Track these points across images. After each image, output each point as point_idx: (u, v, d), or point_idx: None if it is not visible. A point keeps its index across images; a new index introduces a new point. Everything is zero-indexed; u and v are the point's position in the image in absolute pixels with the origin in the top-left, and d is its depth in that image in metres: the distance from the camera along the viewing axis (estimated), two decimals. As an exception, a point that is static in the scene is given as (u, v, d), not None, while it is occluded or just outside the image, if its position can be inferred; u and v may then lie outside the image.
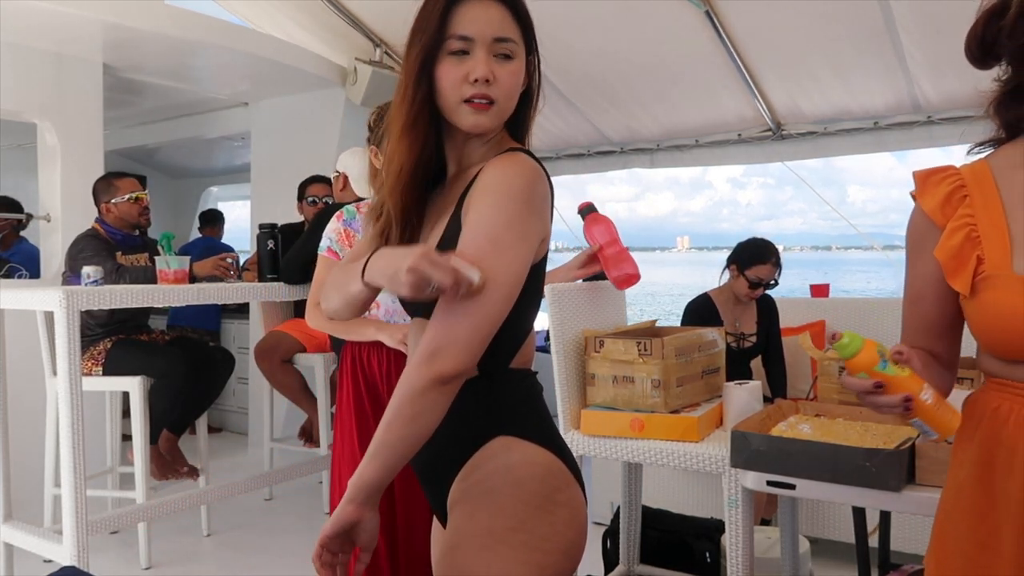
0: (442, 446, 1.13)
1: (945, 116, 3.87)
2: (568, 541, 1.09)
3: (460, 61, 1.08)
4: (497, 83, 1.08)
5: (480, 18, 1.08)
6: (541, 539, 1.06)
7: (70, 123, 3.75)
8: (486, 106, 1.09)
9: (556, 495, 1.09)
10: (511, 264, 1.02)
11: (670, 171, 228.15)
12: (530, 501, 1.07)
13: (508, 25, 1.09)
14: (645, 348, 1.96)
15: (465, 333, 0.99)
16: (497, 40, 1.08)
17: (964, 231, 1.05)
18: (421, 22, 1.10)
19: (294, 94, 4.74)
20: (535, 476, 1.09)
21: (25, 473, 2.98)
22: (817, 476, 1.60)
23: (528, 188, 1.06)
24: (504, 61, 1.09)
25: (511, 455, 1.10)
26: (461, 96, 1.09)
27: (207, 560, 3.21)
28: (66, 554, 2.37)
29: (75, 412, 2.34)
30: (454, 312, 0.99)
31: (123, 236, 3.28)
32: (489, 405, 1.12)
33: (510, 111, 1.13)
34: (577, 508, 1.11)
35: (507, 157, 1.08)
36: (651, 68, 4.13)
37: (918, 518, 2.59)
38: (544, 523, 1.07)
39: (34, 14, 3.29)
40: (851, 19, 3.44)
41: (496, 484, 1.08)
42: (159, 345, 3.25)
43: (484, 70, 1.07)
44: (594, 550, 2.79)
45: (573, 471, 1.13)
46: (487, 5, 1.09)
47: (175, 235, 3.35)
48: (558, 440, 1.15)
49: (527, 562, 1.04)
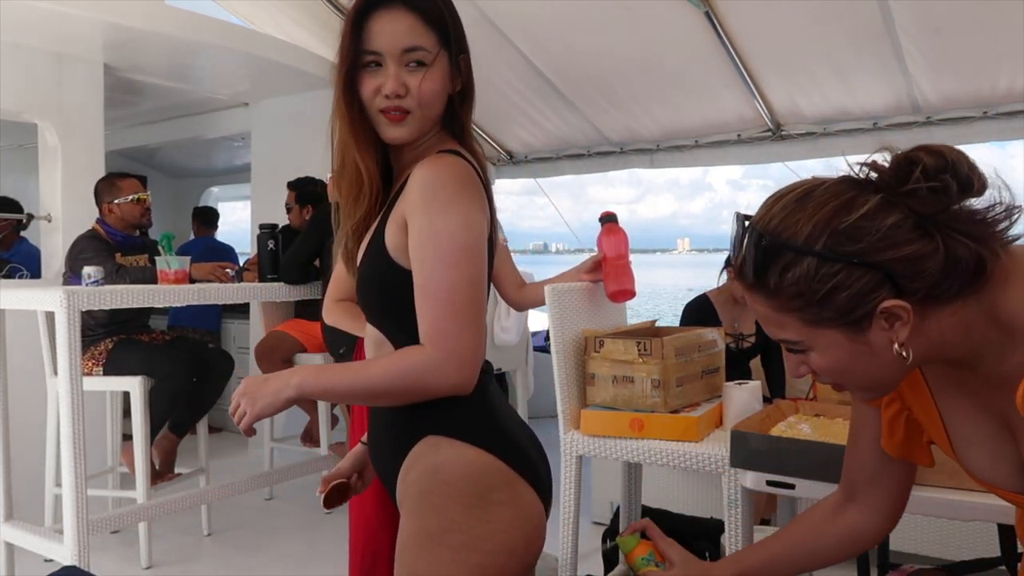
0: (384, 444, 1.18)
1: (944, 117, 3.88)
2: (512, 540, 1.07)
3: (374, 73, 1.10)
4: (411, 94, 1.10)
5: (386, 30, 1.09)
6: (479, 539, 1.05)
7: (71, 123, 3.75)
8: (400, 118, 1.11)
9: (491, 494, 1.07)
10: (473, 265, 1.07)
11: (670, 173, 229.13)
12: (461, 500, 1.06)
13: (418, 33, 1.10)
14: (645, 348, 1.96)
15: (472, 344, 1.06)
16: (406, 51, 1.09)
17: None
18: (341, 38, 1.12)
19: (294, 94, 4.74)
20: (465, 476, 1.07)
21: (26, 473, 2.99)
22: (817, 476, 1.60)
23: (456, 185, 1.08)
24: (417, 69, 1.10)
25: (438, 455, 1.09)
26: (377, 107, 1.11)
27: (207, 560, 3.21)
28: (67, 553, 2.37)
29: (76, 412, 2.35)
30: (461, 322, 1.05)
31: (123, 237, 3.29)
32: (417, 404, 1.10)
33: (432, 117, 1.14)
34: (522, 507, 1.09)
35: (430, 161, 1.10)
36: (651, 68, 4.14)
37: (917, 518, 2.60)
38: (480, 522, 1.05)
39: (35, 14, 3.29)
40: (850, 20, 3.45)
41: (426, 485, 1.08)
42: (160, 345, 3.26)
43: (392, 84, 1.09)
44: (594, 550, 2.79)
45: (521, 470, 1.11)
46: (393, 16, 1.09)
47: (175, 235, 3.36)
48: (498, 438, 1.12)
49: (464, 562, 1.04)
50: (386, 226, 1.12)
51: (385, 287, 1.13)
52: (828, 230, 0.83)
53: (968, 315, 0.85)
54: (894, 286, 0.83)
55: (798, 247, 0.84)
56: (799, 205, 0.86)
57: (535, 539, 1.10)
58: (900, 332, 0.85)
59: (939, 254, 0.82)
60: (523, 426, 1.21)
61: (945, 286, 0.83)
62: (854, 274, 0.83)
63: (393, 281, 1.11)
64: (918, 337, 0.86)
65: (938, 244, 0.82)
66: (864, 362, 0.88)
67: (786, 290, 0.86)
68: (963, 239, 0.82)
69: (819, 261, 0.83)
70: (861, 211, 0.83)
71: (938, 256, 0.82)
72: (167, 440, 3.27)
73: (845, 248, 0.83)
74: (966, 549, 2.55)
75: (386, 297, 1.14)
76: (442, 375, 1.05)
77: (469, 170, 1.11)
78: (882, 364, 0.88)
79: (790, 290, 0.86)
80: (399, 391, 1.07)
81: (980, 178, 0.84)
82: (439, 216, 1.05)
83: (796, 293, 0.85)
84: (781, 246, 0.85)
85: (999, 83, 3.59)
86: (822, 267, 0.83)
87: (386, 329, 1.16)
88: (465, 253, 1.06)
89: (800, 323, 0.88)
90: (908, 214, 0.83)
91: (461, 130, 1.19)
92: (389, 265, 1.11)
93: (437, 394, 1.07)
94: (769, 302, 0.89)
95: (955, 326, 0.86)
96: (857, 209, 0.83)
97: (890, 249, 0.82)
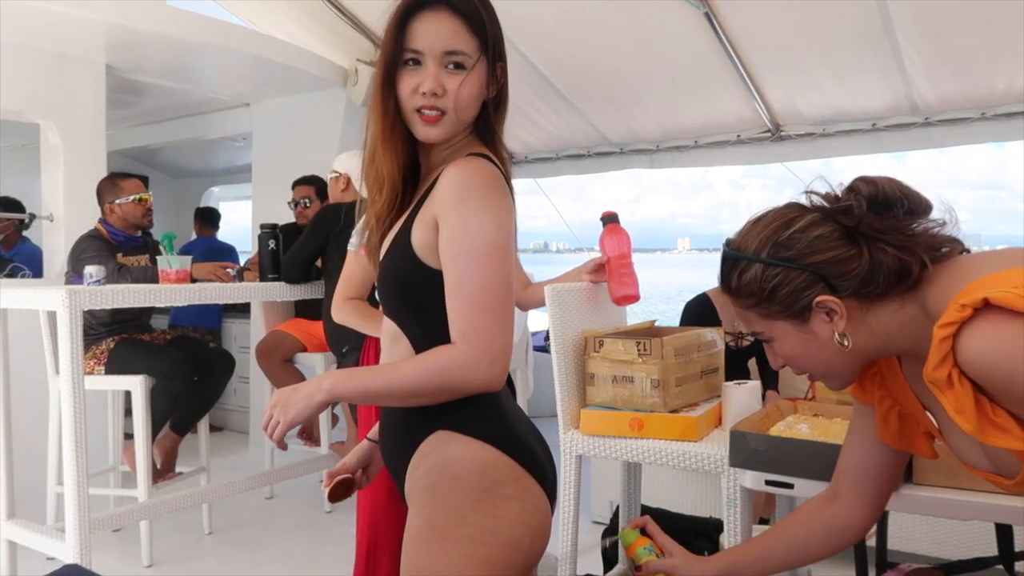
0: (395, 439, 1.20)
1: (942, 118, 3.88)
2: (518, 535, 1.08)
3: (414, 72, 1.13)
4: (447, 95, 1.12)
5: (430, 32, 1.12)
6: (486, 533, 1.07)
7: (73, 123, 3.76)
8: (435, 118, 1.14)
9: (499, 489, 1.09)
10: (505, 264, 1.09)
11: (670, 173, 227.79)
12: (469, 495, 1.08)
13: (461, 38, 1.12)
14: (644, 348, 1.97)
15: (504, 343, 1.08)
16: (447, 53, 1.12)
17: None
18: (385, 35, 1.15)
19: (295, 95, 4.75)
20: (473, 471, 1.09)
21: (28, 471, 3.00)
22: (815, 476, 1.61)
23: (488, 187, 1.10)
24: (456, 72, 1.12)
25: (448, 450, 1.11)
26: (413, 106, 1.15)
27: (208, 558, 3.22)
28: (69, 552, 2.38)
29: (78, 411, 2.35)
30: (493, 320, 1.07)
31: (125, 237, 3.30)
32: None
33: (467, 119, 1.17)
34: (529, 503, 1.11)
35: (462, 163, 1.12)
36: (651, 69, 4.14)
37: (915, 517, 2.61)
38: (487, 517, 1.07)
39: (37, 15, 3.30)
40: (849, 21, 3.46)
41: (435, 479, 1.10)
42: (161, 345, 3.27)
43: (431, 83, 1.12)
44: (594, 550, 2.80)
45: (529, 466, 1.12)
46: (439, 18, 1.12)
47: (176, 235, 3.37)
48: (507, 435, 1.14)
49: (471, 555, 1.05)
50: (413, 223, 1.14)
51: (407, 283, 1.15)
52: (771, 242, 1.06)
53: (907, 312, 1.02)
54: (827, 285, 1.03)
55: (749, 256, 1.07)
56: (754, 225, 1.10)
57: (541, 534, 1.12)
58: (839, 324, 1.03)
59: (863, 258, 1.01)
60: (530, 425, 1.22)
61: (872, 286, 1.01)
62: (791, 275, 1.04)
63: (416, 278, 1.12)
64: (861, 328, 1.04)
65: (862, 250, 1.01)
66: (814, 349, 1.08)
67: (743, 290, 1.09)
68: (888, 248, 1.00)
69: (763, 266, 1.06)
70: (796, 226, 1.05)
71: (862, 260, 1.01)
72: (168, 439, 3.28)
73: (782, 254, 1.05)
74: (963, 548, 2.56)
75: (407, 293, 1.15)
76: (475, 372, 1.06)
77: (498, 174, 1.14)
78: (830, 352, 1.07)
79: (745, 290, 1.08)
80: (434, 389, 1.09)
81: (915, 201, 1.03)
82: (473, 216, 1.08)
83: (750, 292, 1.08)
84: (738, 257, 1.09)
85: (997, 84, 3.60)
86: (766, 270, 1.06)
87: (404, 324, 1.18)
88: (497, 253, 1.08)
89: (758, 316, 1.10)
90: (837, 227, 1.03)
91: (492, 135, 1.20)
92: (413, 262, 1.13)
93: (470, 391, 1.09)
94: (736, 301, 1.12)
95: (894, 321, 1.03)
96: (794, 224, 1.05)
97: (817, 254, 1.03)
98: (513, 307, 1.10)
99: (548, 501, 1.14)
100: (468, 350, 1.06)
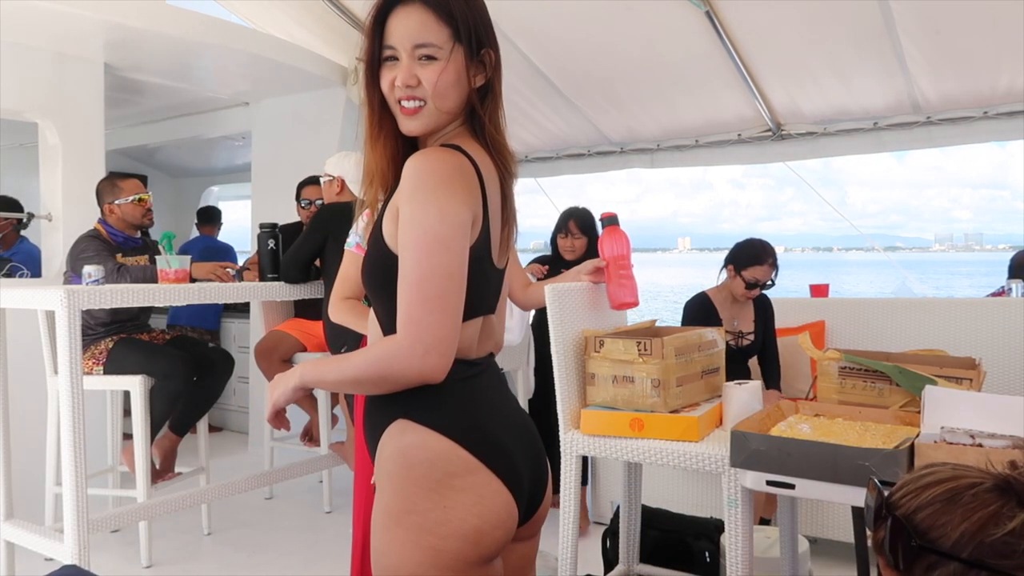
0: (367, 426, 1.23)
1: (944, 117, 3.88)
2: (469, 527, 1.09)
3: (392, 67, 1.17)
4: (422, 85, 1.15)
5: (400, 26, 1.15)
6: (435, 523, 1.08)
7: (71, 122, 3.75)
8: (414, 110, 1.16)
9: (451, 480, 1.10)
10: (448, 255, 1.08)
11: (670, 172, 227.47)
12: (419, 484, 1.09)
13: (429, 28, 1.14)
14: (645, 348, 1.97)
15: (441, 333, 1.08)
16: (416, 46, 1.15)
17: None
18: (365, 35, 1.19)
19: (295, 94, 4.74)
20: (425, 460, 1.10)
21: (26, 472, 2.99)
22: (816, 476, 1.60)
23: (439, 177, 1.10)
24: (428, 63, 1.15)
25: (404, 438, 1.13)
26: (394, 98, 1.18)
27: (207, 559, 3.22)
28: (67, 552, 2.37)
29: (76, 411, 2.35)
30: (428, 310, 1.07)
31: (124, 238, 3.29)
32: None
33: (448, 109, 1.18)
34: (483, 496, 1.10)
35: (421, 154, 1.14)
36: (651, 68, 4.14)
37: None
38: (437, 507, 1.08)
39: (35, 14, 3.29)
40: (851, 20, 3.45)
41: (391, 467, 1.13)
42: (160, 345, 3.26)
43: (403, 76, 1.15)
44: (594, 549, 2.80)
45: (486, 459, 1.12)
46: (408, 13, 1.15)
47: (176, 235, 3.36)
48: (464, 427, 1.13)
49: (417, 543, 1.08)
50: (384, 213, 1.17)
51: (379, 271, 1.17)
52: (975, 541, 0.87)
53: None
54: None
55: (946, 552, 0.88)
56: (946, 507, 0.91)
57: (494, 528, 1.11)
58: None
59: None
60: (510, 419, 1.21)
61: None
62: None
63: (385, 266, 1.14)
64: None
65: None
66: None
67: None
68: None
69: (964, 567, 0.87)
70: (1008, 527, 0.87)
71: None
72: (167, 439, 3.27)
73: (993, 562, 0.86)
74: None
75: (379, 281, 1.17)
76: (408, 362, 1.07)
77: (461, 164, 1.13)
78: None
79: None
80: (375, 378, 1.11)
81: None
82: (419, 207, 1.09)
83: None
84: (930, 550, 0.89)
85: (999, 83, 3.60)
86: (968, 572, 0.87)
87: (377, 311, 1.21)
88: (439, 244, 1.08)
89: None
90: None
91: (482, 126, 1.21)
92: (384, 250, 1.15)
93: (407, 381, 1.10)
94: None
95: None
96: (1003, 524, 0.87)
97: None
98: (458, 300, 1.09)
99: (510, 494, 1.13)
100: (403, 340, 1.07)
